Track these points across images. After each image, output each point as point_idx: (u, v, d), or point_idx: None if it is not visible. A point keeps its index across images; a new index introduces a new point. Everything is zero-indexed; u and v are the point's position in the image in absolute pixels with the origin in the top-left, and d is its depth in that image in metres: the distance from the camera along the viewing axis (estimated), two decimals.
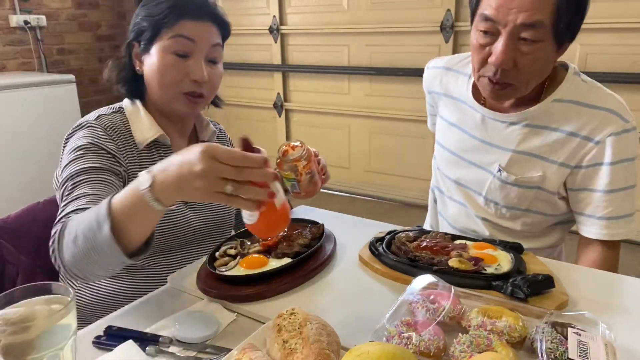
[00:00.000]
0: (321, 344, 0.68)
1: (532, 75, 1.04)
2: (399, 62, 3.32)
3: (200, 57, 1.05)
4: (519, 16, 0.96)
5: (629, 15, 2.55)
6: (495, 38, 1.01)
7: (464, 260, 0.96)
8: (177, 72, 1.04)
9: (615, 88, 1.13)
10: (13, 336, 0.61)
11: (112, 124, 1.06)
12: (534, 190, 1.14)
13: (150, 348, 0.78)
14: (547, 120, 1.10)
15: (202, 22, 1.05)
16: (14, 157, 3.10)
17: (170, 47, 1.03)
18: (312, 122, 3.85)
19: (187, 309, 0.89)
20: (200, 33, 1.04)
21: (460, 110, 1.24)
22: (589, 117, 1.07)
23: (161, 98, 1.08)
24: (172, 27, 1.02)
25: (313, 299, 0.92)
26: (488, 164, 1.18)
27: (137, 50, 1.08)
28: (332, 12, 3.51)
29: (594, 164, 1.07)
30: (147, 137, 1.07)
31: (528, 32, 0.98)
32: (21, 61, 3.80)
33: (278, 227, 0.81)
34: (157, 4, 1.04)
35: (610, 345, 0.68)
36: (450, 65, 1.29)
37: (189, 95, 1.06)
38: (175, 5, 1.02)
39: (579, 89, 1.10)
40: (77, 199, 0.91)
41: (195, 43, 1.04)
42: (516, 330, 0.73)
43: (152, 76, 1.06)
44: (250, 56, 3.97)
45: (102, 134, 1.03)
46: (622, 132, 1.05)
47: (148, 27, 1.04)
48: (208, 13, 1.06)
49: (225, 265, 0.98)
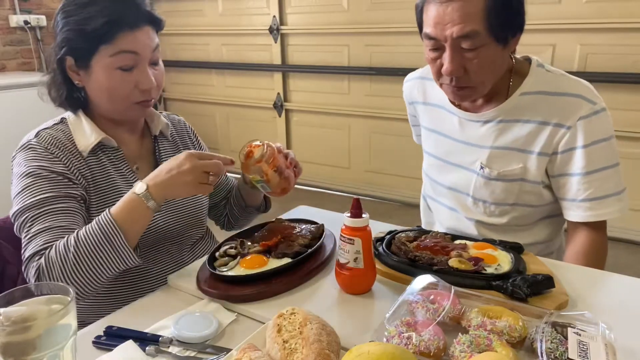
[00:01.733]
0: (321, 344, 0.68)
1: (484, 76, 1.09)
2: (399, 62, 3.32)
3: (145, 66, 1.02)
4: (453, 30, 1.02)
5: (629, 15, 2.55)
6: (442, 51, 1.08)
7: (464, 260, 0.96)
8: (125, 86, 1.01)
9: (615, 88, 1.14)
10: (13, 336, 0.61)
11: (53, 140, 1.03)
12: (518, 182, 1.16)
13: (150, 348, 0.78)
14: (518, 113, 1.14)
15: (140, 29, 1.00)
16: None
17: (113, 64, 0.99)
18: (312, 122, 3.85)
19: (187, 309, 0.89)
20: (141, 43, 1.00)
21: (439, 116, 1.28)
22: (557, 105, 1.11)
23: (112, 111, 1.07)
24: (111, 43, 0.97)
25: (313, 299, 0.92)
26: (470, 164, 1.21)
27: (70, 63, 1.03)
28: (332, 12, 3.51)
29: (569, 149, 1.10)
30: (90, 142, 1.05)
31: (466, 42, 1.03)
32: (21, 61, 3.81)
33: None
34: (89, 18, 0.96)
35: (610, 345, 0.68)
36: (424, 75, 1.34)
37: (140, 103, 1.05)
38: (111, 20, 0.96)
39: (544, 79, 1.14)
40: (42, 232, 0.92)
41: (139, 55, 1.00)
42: (516, 330, 0.73)
43: (100, 93, 1.03)
44: (250, 56, 3.97)
45: (46, 154, 1.00)
46: (592, 114, 1.08)
47: (82, 42, 0.98)
48: (144, 17, 1.01)
49: (226, 265, 0.98)
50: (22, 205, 0.95)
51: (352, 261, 0.90)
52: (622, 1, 2.55)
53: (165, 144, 1.20)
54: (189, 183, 0.91)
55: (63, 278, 0.88)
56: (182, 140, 1.25)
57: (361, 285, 0.94)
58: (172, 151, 1.20)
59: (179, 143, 1.24)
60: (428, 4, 1.07)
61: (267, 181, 1.01)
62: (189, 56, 4.28)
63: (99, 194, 1.04)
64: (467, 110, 1.21)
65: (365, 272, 0.91)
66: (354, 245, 0.89)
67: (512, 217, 1.20)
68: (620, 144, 1.15)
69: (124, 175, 1.09)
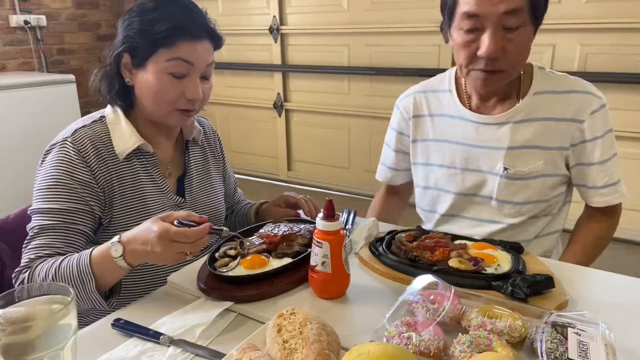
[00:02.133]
0: (321, 344, 0.68)
1: (519, 59, 1.12)
2: (399, 62, 3.32)
3: (196, 77, 1.04)
4: (499, 6, 1.02)
5: (629, 15, 2.55)
6: (480, 33, 1.07)
7: (464, 260, 0.96)
8: (173, 92, 1.03)
9: (615, 88, 1.17)
10: (13, 336, 0.61)
11: (89, 142, 1.03)
12: (540, 179, 1.19)
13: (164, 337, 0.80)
14: (533, 112, 1.18)
15: (199, 41, 1.03)
16: (14, 157, 3.10)
17: (167, 69, 1.01)
18: (312, 122, 3.85)
19: (184, 308, 0.89)
20: (198, 54, 1.02)
21: (450, 125, 1.26)
22: (568, 101, 1.17)
23: (154, 113, 1.08)
24: (170, 48, 1.00)
25: (313, 299, 0.92)
26: (490, 167, 1.21)
27: (126, 61, 1.05)
28: (332, 12, 3.51)
29: (584, 141, 1.17)
30: (127, 146, 1.05)
31: (510, 20, 1.04)
32: (21, 61, 3.81)
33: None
34: (154, 20, 1.00)
35: (610, 345, 0.68)
36: (426, 89, 1.33)
37: (182, 111, 1.07)
38: (176, 26, 1.00)
39: (551, 80, 1.20)
40: (39, 247, 0.97)
41: (193, 65, 1.02)
42: (516, 330, 0.73)
43: (147, 93, 1.04)
44: (250, 56, 3.97)
45: (76, 159, 1.01)
46: (600, 108, 1.16)
47: (144, 44, 1.01)
48: (206, 31, 1.04)
49: (226, 265, 0.98)
50: (36, 208, 0.99)
51: (320, 265, 0.88)
52: (622, 1, 2.56)
53: (196, 149, 1.23)
54: (165, 260, 0.90)
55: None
56: (210, 147, 1.28)
57: (330, 290, 0.92)
58: (200, 158, 1.23)
59: (207, 150, 1.27)
60: None
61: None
62: None
63: (124, 197, 1.06)
64: (483, 114, 1.22)
65: (333, 277, 0.89)
66: (322, 249, 0.87)
67: (535, 213, 1.23)
68: (620, 144, 1.19)
69: (155, 180, 1.11)
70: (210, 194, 1.22)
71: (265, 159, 4.16)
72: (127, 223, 1.05)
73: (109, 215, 1.05)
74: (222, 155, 1.33)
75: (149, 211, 1.07)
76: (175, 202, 1.13)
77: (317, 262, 0.89)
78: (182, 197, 1.15)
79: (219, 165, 1.30)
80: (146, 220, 0.92)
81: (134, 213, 1.06)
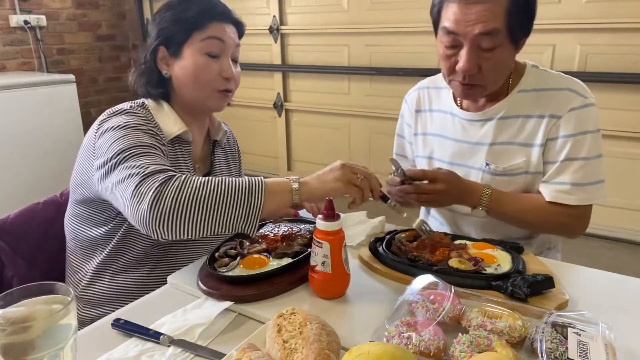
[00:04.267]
0: (321, 344, 0.68)
1: (496, 75, 1.14)
2: (399, 62, 3.32)
3: (228, 56, 1.13)
4: (475, 27, 1.05)
5: (629, 15, 2.55)
6: (459, 48, 1.10)
7: (464, 260, 0.96)
8: (210, 71, 1.10)
9: (615, 88, 1.16)
10: (13, 336, 0.61)
11: (143, 115, 1.07)
12: (522, 176, 1.21)
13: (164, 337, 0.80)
14: (516, 109, 1.20)
15: (227, 24, 1.12)
16: (14, 157, 3.10)
17: (203, 49, 1.09)
18: (312, 122, 3.85)
19: (184, 308, 0.89)
20: (227, 34, 1.12)
21: (444, 121, 1.31)
22: (551, 99, 1.17)
23: (195, 97, 1.12)
24: (203, 30, 1.09)
25: (313, 299, 0.92)
26: (475, 162, 1.25)
27: (162, 54, 1.12)
28: (332, 12, 3.51)
29: (556, 137, 1.16)
30: (173, 131, 1.10)
31: (486, 41, 1.06)
32: (21, 61, 3.81)
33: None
34: (186, 9, 1.09)
35: (610, 345, 0.68)
36: (430, 85, 1.37)
37: (221, 92, 1.13)
38: (205, 9, 1.09)
39: (539, 77, 1.20)
40: (157, 164, 0.92)
41: (225, 43, 1.11)
42: (516, 330, 0.73)
43: (186, 77, 1.10)
44: (250, 56, 3.96)
45: (143, 118, 1.05)
46: (582, 106, 1.14)
47: (179, 31, 1.09)
48: (230, 16, 1.14)
49: (226, 265, 0.98)
50: (123, 146, 0.94)
51: (320, 265, 0.89)
52: (622, 1, 2.56)
53: (219, 150, 1.27)
54: (339, 179, 0.95)
55: (183, 206, 0.85)
56: (231, 150, 1.33)
57: (330, 290, 0.92)
58: (223, 159, 1.27)
59: (229, 153, 1.31)
60: (450, 2, 1.08)
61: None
62: None
63: None
64: (469, 111, 1.26)
65: (333, 277, 0.89)
66: (322, 249, 0.88)
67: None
68: (620, 144, 1.18)
69: (189, 170, 1.13)
70: None
71: (265, 159, 4.16)
72: None
73: None
74: (239, 162, 1.37)
75: None
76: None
77: (317, 262, 0.89)
78: None
79: (237, 169, 1.35)
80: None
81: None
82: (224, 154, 1.29)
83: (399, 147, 1.48)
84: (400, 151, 1.47)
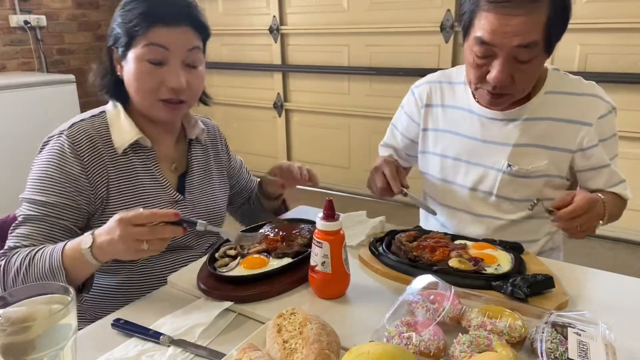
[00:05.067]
0: (321, 344, 0.68)
1: (528, 84, 1.12)
2: (399, 62, 3.32)
3: (176, 64, 1.02)
4: (514, 40, 1.01)
5: (629, 15, 2.55)
6: (491, 58, 1.06)
7: (464, 260, 0.96)
8: (152, 79, 1.02)
9: (615, 88, 1.17)
10: (13, 336, 0.61)
11: (85, 135, 1.03)
12: (543, 178, 1.19)
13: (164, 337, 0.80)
14: (542, 111, 1.18)
15: (177, 27, 1.01)
16: (14, 157, 3.10)
17: (143, 56, 1.00)
18: (312, 122, 3.85)
19: (184, 308, 0.89)
20: (174, 40, 1.01)
21: (458, 117, 1.27)
22: (577, 103, 1.16)
23: (140, 105, 1.07)
24: (144, 35, 1.00)
25: (313, 299, 0.92)
26: (493, 162, 1.21)
27: (116, 55, 1.06)
28: (332, 12, 3.51)
29: (592, 146, 1.16)
30: (125, 140, 1.05)
31: (523, 53, 1.03)
32: (21, 61, 3.80)
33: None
34: (130, 10, 1.01)
35: (610, 345, 0.68)
36: (442, 79, 1.32)
37: (167, 102, 1.05)
38: (147, 12, 0.99)
39: (563, 81, 1.20)
40: (22, 237, 0.98)
41: (169, 50, 1.01)
42: (516, 330, 0.73)
43: (130, 83, 1.05)
44: (250, 56, 3.97)
45: (68, 152, 1.00)
46: (607, 113, 1.16)
47: (122, 34, 1.02)
48: (184, 17, 1.02)
49: (226, 265, 0.98)
50: (26, 197, 1.01)
51: (320, 265, 0.89)
52: (622, 1, 2.56)
53: (198, 148, 1.22)
54: (124, 252, 0.86)
55: (6, 286, 0.94)
56: (214, 147, 1.28)
57: (330, 290, 0.92)
58: (202, 157, 1.22)
59: (210, 150, 1.26)
60: (485, 11, 1.02)
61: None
62: None
63: (121, 191, 1.05)
64: (492, 109, 1.21)
65: (333, 277, 0.89)
66: (322, 249, 0.88)
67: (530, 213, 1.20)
68: (620, 144, 1.19)
69: (154, 176, 1.10)
70: (210, 194, 1.22)
71: (265, 159, 4.16)
72: None
73: (102, 209, 1.04)
74: (227, 156, 1.33)
75: (145, 205, 1.07)
76: (174, 198, 1.12)
77: (317, 262, 0.89)
78: (182, 194, 1.14)
79: (222, 166, 1.30)
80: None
81: (130, 206, 1.06)
82: (204, 152, 1.24)
83: (390, 137, 1.43)
84: (390, 141, 1.43)
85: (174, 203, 1.12)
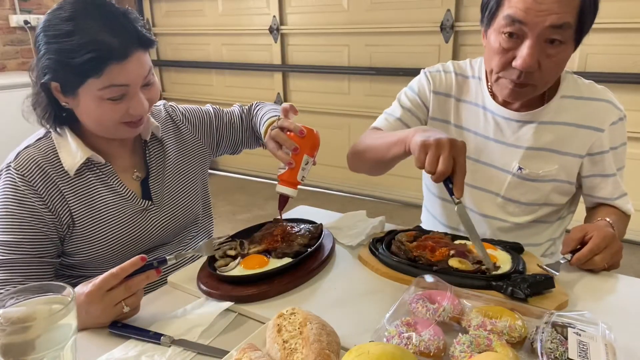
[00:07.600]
0: (321, 344, 0.68)
1: (553, 76, 1.09)
2: (399, 62, 3.32)
3: (137, 92, 0.97)
4: (547, 18, 0.98)
5: (629, 15, 2.55)
6: (519, 41, 1.02)
7: (464, 260, 0.96)
8: (115, 113, 0.97)
9: (615, 88, 1.17)
10: (13, 336, 0.61)
11: (33, 163, 0.99)
12: (551, 183, 1.18)
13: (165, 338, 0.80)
14: (557, 115, 1.17)
15: (129, 59, 0.93)
16: None
17: (103, 96, 0.94)
18: (312, 122, 3.82)
19: (184, 308, 0.89)
20: (132, 74, 0.95)
21: (473, 114, 1.24)
22: (590, 109, 1.16)
23: (97, 130, 1.02)
24: (100, 77, 0.91)
25: (313, 299, 0.92)
26: (504, 164, 1.20)
27: (56, 88, 0.97)
28: (332, 12, 3.51)
29: (602, 152, 1.16)
30: (76, 161, 1.01)
31: (556, 34, 1.00)
32: (21, 61, 3.80)
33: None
34: (73, 50, 0.89)
35: (610, 345, 0.68)
36: (459, 72, 1.28)
37: (129, 124, 1.01)
38: (99, 55, 0.90)
39: (577, 85, 1.19)
40: (3, 283, 0.94)
41: (129, 86, 0.95)
42: (516, 330, 0.73)
43: (88, 117, 0.99)
44: (250, 56, 3.96)
45: (21, 186, 0.97)
46: (619, 120, 1.16)
47: (69, 75, 0.92)
48: (133, 43, 0.94)
49: (226, 265, 0.98)
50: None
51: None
52: (622, 1, 2.55)
53: (157, 146, 1.17)
54: (105, 322, 0.84)
55: None
56: (175, 131, 1.21)
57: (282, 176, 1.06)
58: (159, 153, 1.17)
59: (172, 139, 1.20)
60: None
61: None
62: (189, 56, 4.27)
63: (84, 212, 1.03)
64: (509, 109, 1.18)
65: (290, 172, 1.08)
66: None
67: (536, 217, 1.22)
68: None
69: (114, 189, 1.07)
70: (179, 190, 1.18)
71: (265, 159, 4.15)
72: (94, 236, 1.04)
73: (70, 234, 1.02)
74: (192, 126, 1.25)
75: (113, 221, 1.05)
76: (142, 207, 1.09)
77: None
78: (150, 200, 1.11)
79: (193, 144, 1.24)
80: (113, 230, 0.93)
81: (98, 225, 1.04)
82: (162, 148, 1.17)
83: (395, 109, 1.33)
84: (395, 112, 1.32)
85: (143, 211, 1.10)
